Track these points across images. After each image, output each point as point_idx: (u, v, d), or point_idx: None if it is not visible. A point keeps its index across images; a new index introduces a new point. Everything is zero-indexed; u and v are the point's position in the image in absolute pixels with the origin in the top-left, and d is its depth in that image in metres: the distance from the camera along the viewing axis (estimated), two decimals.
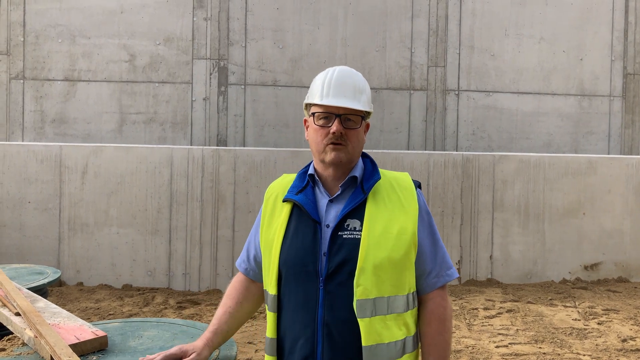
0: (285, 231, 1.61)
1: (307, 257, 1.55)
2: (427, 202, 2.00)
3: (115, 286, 5.92)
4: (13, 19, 6.36)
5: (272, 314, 1.61)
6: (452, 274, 1.65)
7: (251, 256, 1.77)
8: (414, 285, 1.59)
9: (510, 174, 6.31)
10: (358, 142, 1.61)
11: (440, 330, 1.60)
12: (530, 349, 4.33)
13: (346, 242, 1.54)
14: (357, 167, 1.64)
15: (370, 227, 1.54)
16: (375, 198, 1.59)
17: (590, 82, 6.84)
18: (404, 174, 1.70)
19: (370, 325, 1.49)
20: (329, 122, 1.58)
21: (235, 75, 6.49)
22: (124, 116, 6.42)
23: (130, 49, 6.41)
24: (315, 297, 1.53)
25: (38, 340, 1.97)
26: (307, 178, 1.67)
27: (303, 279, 1.55)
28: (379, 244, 1.52)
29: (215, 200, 6.02)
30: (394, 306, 1.53)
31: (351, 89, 1.60)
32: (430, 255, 1.62)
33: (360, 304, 1.49)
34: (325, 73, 1.65)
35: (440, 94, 6.67)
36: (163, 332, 2.22)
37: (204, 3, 6.44)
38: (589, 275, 6.36)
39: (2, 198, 5.95)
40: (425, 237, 1.62)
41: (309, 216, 1.58)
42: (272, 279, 1.61)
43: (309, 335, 1.53)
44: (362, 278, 1.50)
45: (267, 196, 1.73)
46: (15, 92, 6.39)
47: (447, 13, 6.66)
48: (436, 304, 1.61)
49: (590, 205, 6.38)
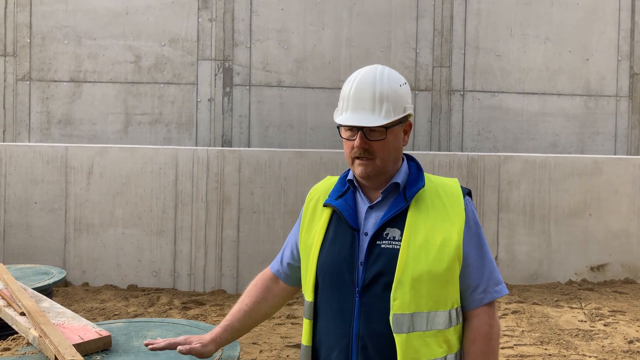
0: (324, 237, 1.55)
1: (344, 266, 1.49)
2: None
3: (121, 286, 5.94)
4: (19, 21, 6.40)
5: (308, 321, 1.56)
6: (501, 291, 1.54)
7: (285, 259, 1.72)
8: (457, 301, 1.50)
9: (515, 175, 6.29)
10: (389, 152, 1.51)
11: (485, 350, 1.50)
12: (536, 350, 4.30)
13: (384, 252, 1.46)
14: (400, 172, 1.55)
15: (411, 237, 1.45)
16: (418, 206, 1.50)
17: (597, 82, 6.81)
18: (453, 180, 1.60)
19: (408, 341, 1.41)
20: (354, 134, 1.51)
21: (240, 76, 6.50)
22: (129, 117, 6.44)
23: (136, 50, 6.43)
24: (351, 307, 1.47)
25: (42, 339, 1.98)
26: (347, 183, 1.60)
27: (339, 288, 1.50)
28: (418, 255, 1.44)
29: (220, 201, 6.03)
30: (434, 322, 1.44)
31: (370, 101, 1.49)
32: (476, 269, 1.51)
33: (397, 318, 1.42)
34: (349, 81, 1.55)
35: (445, 95, 6.66)
36: (167, 332, 2.23)
37: (208, 4, 6.46)
38: (595, 277, 6.32)
39: (8, 199, 5.98)
40: (472, 250, 1.51)
41: (347, 224, 1.52)
42: (309, 286, 1.56)
43: (343, 347, 1.47)
44: (399, 292, 1.42)
45: (308, 199, 1.67)
46: (22, 93, 6.43)
47: (452, 13, 6.64)
48: (482, 322, 1.51)
49: (597, 206, 6.34)
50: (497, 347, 1.53)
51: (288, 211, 6.03)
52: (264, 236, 6.02)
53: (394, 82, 1.54)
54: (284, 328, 4.79)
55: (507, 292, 1.57)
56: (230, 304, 5.48)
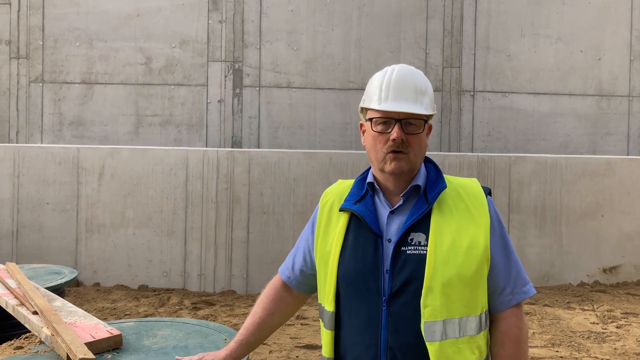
0: (343, 244, 1.48)
1: (368, 274, 1.43)
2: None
3: (132, 287, 5.97)
4: (32, 24, 6.47)
5: (329, 332, 1.49)
6: (529, 291, 1.50)
7: (297, 266, 1.66)
8: (486, 304, 1.45)
9: (526, 176, 6.25)
10: (420, 148, 1.47)
11: (514, 353, 1.45)
12: (547, 352, 4.27)
13: (410, 258, 1.41)
14: (419, 175, 1.50)
15: (437, 241, 1.40)
16: (441, 208, 1.45)
17: (609, 82, 6.74)
18: (472, 180, 1.55)
19: (441, 350, 1.36)
20: (389, 127, 1.45)
21: (250, 77, 6.52)
22: (140, 118, 6.49)
23: (146, 51, 6.47)
24: (377, 318, 1.41)
25: (54, 338, 2.00)
26: (366, 186, 1.53)
27: (364, 297, 1.43)
28: (447, 259, 1.39)
29: (230, 202, 6.05)
30: (466, 328, 1.39)
31: (412, 91, 1.46)
32: (503, 271, 1.47)
33: (428, 326, 1.37)
34: (383, 73, 1.50)
35: (456, 95, 6.63)
36: (177, 331, 2.24)
37: (219, 6, 6.49)
38: (608, 278, 6.26)
39: (21, 199, 6.04)
40: (498, 251, 1.47)
41: (370, 229, 1.45)
42: (329, 295, 1.48)
43: (371, 358, 1.41)
44: (429, 298, 1.37)
45: (322, 204, 1.60)
46: (35, 95, 6.50)
47: (462, 13, 6.62)
48: (510, 324, 1.46)
49: (609, 207, 6.28)
50: (526, 349, 1.48)
51: (297, 212, 6.04)
52: (273, 237, 6.04)
53: (427, 80, 1.54)
54: (294, 329, 4.80)
55: (535, 292, 1.54)
56: (240, 305, 5.50)
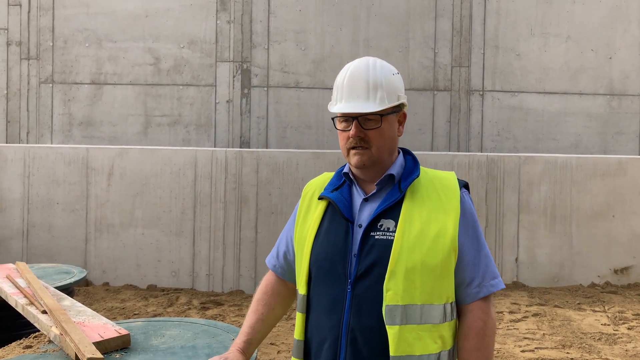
0: (318, 229, 1.55)
1: (337, 258, 1.48)
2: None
3: (140, 286, 6.00)
4: (42, 25, 6.52)
5: (300, 315, 1.54)
6: (497, 285, 1.51)
7: (281, 253, 1.71)
8: (453, 295, 1.47)
9: (536, 176, 6.20)
10: (384, 141, 1.51)
11: (478, 347, 1.46)
12: (558, 354, 4.23)
13: (378, 243, 1.45)
14: (395, 165, 1.55)
15: (406, 228, 1.44)
16: (413, 197, 1.49)
17: (620, 81, 6.68)
18: (449, 173, 1.58)
19: (400, 334, 1.39)
20: (349, 125, 1.52)
21: (258, 77, 6.53)
22: (149, 118, 6.51)
23: (155, 52, 6.50)
24: (342, 300, 1.45)
25: (63, 337, 2.00)
26: (343, 176, 1.60)
27: (332, 280, 1.48)
28: (413, 246, 1.42)
29: (239, 202, 6.06)
30: (428, 316, 1.42)
31: (364, 88, 1.50)
32: (472, 263, 1.49)
33: (390, 309, 1.40)
34: (342, 72, 1.57)
35: (465, 95, 6.59)
36: (185, 331, 2.24)
37: (227, 6, 6.50)
38: (619, 279, 6.20)
39: (31, 199, 6.08)
40: (468, 242, 1.49)
41: (342, 215, 1.51)
42: (302, 279, 1.54)
43: (333, 339, 1.45)
44: (392, 282, 1.40)
45: (304, 193, 1.67)
46: (45, 95, 6.54)
47: (471, 12, 6.58)
48: (476, 317, 1.48)
49: (620, 208, 6.22)
50: (491, 343, 1.49)
51: None
52: None
53: (386, 71, 1.54)
54: None
55: (504, 286, 1.54)
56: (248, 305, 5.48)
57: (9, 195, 6.08)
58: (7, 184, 6.09)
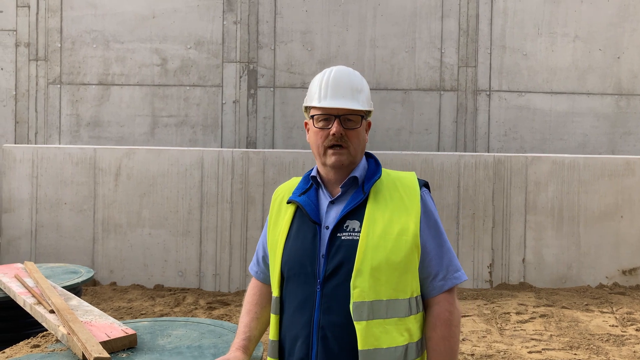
0: (288, 233, 1.61)
1: (306, 259, 1.54)
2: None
3: (147, 286, 6.02)
4: (50, 26, 6.56)
5: (274, 317, 1.60)
6: (460, 277, 1.59)
7: (260, 258, 1.77)
8: (417, 289, 1.55)
9: (543, 176, 6.17)
10: (359, 142, 1.59)
11: (445, 336, 1.54)
12: (565, 355, 4.21)
13: (344, 243, 1.51)
14: (358, 167, 1.62)
15: (370, 228, 1.51)
16: (376, 198, 1.56)
17: (628, 80, 6.63)
18: (410, 173, 1.65)
19: (368, 329, 1.46)
20: (329, 123, 1.57)
21: (265, 78, 6.54)
22: (156, 119, 6.54)
23: (162, 53, 6.52)
24: (312, 299, 1.52)
25: (71, 337, 2.01)
26: (310, 180, 1.67)
27: (302, 281, 1.54)
28: (377, 245, 1.49)
29: (245, 202, 6.07)
30: (394, 310, 1.49)
31: (349, 89, 1.58)
32: (435, 258, 1.57)
33: (357, 306, 1.46)
34: (322, 74, 1.63)
35: (471, 95, 6.57)
36: (191, 331, 2.25)
37: (233, 7, 6.51)
38: (627, 280, 6.16)
39: (40, 199, 6.13)
40: (430, 239, 1.57)
41: (309, 218, 1.57)
42: (275, 281, 1.60)
43: (304, 337, 1.51)
44: (358, 280, 1.47)
45: (274, 198, 1.73)
46: (53, 96, 6.59)
47: (478, 12, 6.56)
48: (442, 308, 1.55)
49: (629, 208, 6.17)
50: (457, 332, 1.56)
51: None
52: None
53: (363, 79, 1.65)
54: None
55: (466, 278, 1.62)
56: None
57: (17, 196, 6.13)
58: (16, 184, 6.13)
